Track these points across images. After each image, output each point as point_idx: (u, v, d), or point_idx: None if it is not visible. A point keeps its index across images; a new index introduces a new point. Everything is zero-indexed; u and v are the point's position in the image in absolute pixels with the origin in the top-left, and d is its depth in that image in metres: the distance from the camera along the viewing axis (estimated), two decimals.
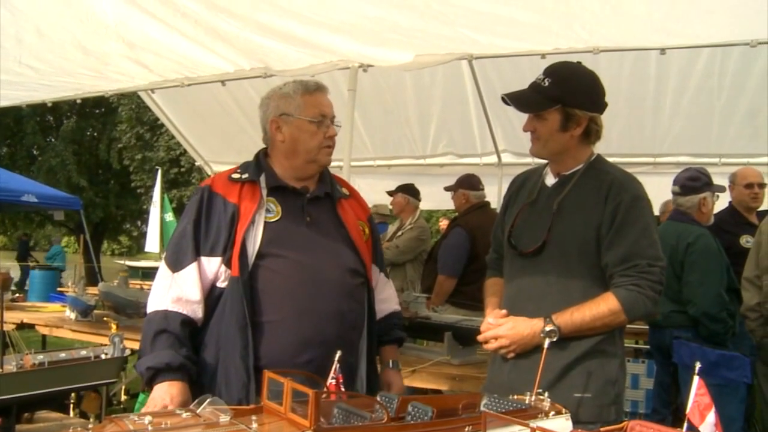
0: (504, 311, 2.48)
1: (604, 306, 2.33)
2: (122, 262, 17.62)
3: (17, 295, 7.94)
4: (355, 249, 2.47)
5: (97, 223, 28.91)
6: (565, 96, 2.41)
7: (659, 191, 5.98)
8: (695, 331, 4.36)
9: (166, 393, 2.15)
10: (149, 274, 12.82)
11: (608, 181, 2.40)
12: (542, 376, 2.07)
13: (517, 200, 2.66)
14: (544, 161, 2.63)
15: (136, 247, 34.86)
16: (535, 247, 2.44)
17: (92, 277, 14.76)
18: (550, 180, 2.56)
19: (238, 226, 2.31)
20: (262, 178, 2.42)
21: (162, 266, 2.37)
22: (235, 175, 2.42)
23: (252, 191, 2.38)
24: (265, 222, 2.34)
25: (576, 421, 1.99)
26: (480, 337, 2.52)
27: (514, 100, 2.47)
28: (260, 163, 2.48)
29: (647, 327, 5.02)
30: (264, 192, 2.39)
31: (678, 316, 4.42)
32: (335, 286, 2.36)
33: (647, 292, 2.33)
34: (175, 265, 2.31)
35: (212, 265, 2.31)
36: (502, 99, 2.49)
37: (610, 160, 6.74)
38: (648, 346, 5.24)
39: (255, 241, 2.30)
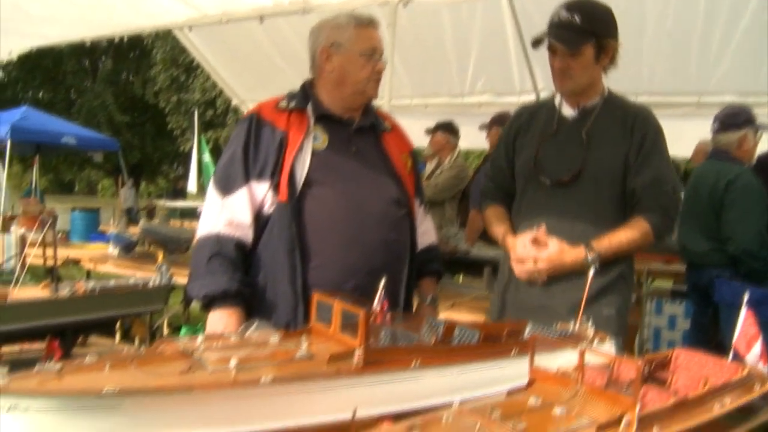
0: (543, 226, 2.51)
1: (638, 230, 2.49)
2: (162, 202, 17.87)
3: (59, 234, 8.09)
4: (399, 181, 2.49)
5: (134, 165, 29.30)
6: (598, 28, 2.50)
7: (702, 133, 5.84)
8: (734, 270, 4.31)
9: (223, 320, 2.18)
10: (187, 213, 13.02)
11: (632, 113, 2.57)
12: (576, 297, 2.18)
13: (528, 132, 2.72)
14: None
15: (173, 189, 35.39)
16: (572, 176, 2.53)
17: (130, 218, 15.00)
18: (569, 112, 2.64)
19: (286, 152, 2.31)
20: (309, 107, 2.42)
21: (210, 192, 2.38)
22: (283, 103, 2.43)
23: (300, 119, 2.39)
24: (313, 149, 2.35)
25: None
26: (517, 257, 2.55)
27: (559, 39, 2.48)
28: (307, 93, 2.48)
29: (684, 267, 4.97)
30: (311, 120, 2.40)
31: (716, 255, 4.37)
32: (380, 216, 2.38)
33: (672, 214, 2.56)
34: (225, 190, 2.32)
35: (261, 189, 2.32)
36: (534, 42, 2.55)
37: (653, 99, 6.59)
38: (684, 287, 5.20)
39: (303, 168, 2.31)
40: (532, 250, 2.50)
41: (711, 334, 4.53)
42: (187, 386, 1.24)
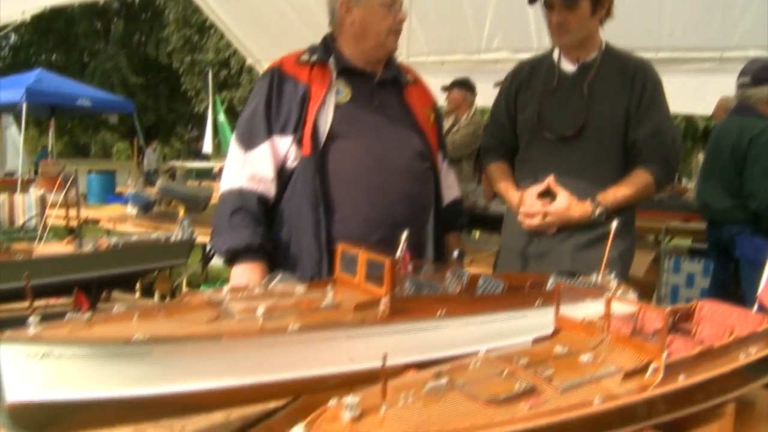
0: (552, 177, 2.55)
1: (641, 181, 2.55)
2: (179, 163, 17.90)
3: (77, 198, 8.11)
4: (422, 134, 2.48)
5: (149, 127, 29.31)
6: None
7: (724, 89, 5.73)
8: (755, 227, 4.28)
9: (246, 274, 2.19)
10: (203, 174, 13.06)
11: (632, 65, 2.60)
12: (579, 239, 2.51)
13: (529, 88, 2.75)
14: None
15: (187, 151, 35.49)
16: (576, 130, 2.57)
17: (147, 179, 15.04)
18: (568, 66, 2.67)
19: (309, 106, 2.30)
20: (331, 60, 2.40)
21: (233, 147, 2.37)
22: (305, 57, 2.40)
23: (322, 72, 2.37)
24: (336, 103, 2.33)
25: None
26: (527, 212, 2.59)
27: None
28: (328, 46, 2.45)
29: (704, 225, 4.94)
30: (334, 73, 2.38)
31: (737, 212, 4.33)
32: (404, 169, 2.38)
33: (673, 164, 2.60)
34: (248, 145, 2.32)
35: (283, 144, 2.31)
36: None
37: (674, 55, 6.42)
38: (704, 246, 5.17)
39: (326, 122, 2.30)
40: (539, 204, 2.55)
41: (731, 291, 4.51)
42: (215, 334, 1.25)
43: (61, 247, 2.45)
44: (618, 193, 2.53)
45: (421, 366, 1.29)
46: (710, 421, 1.35)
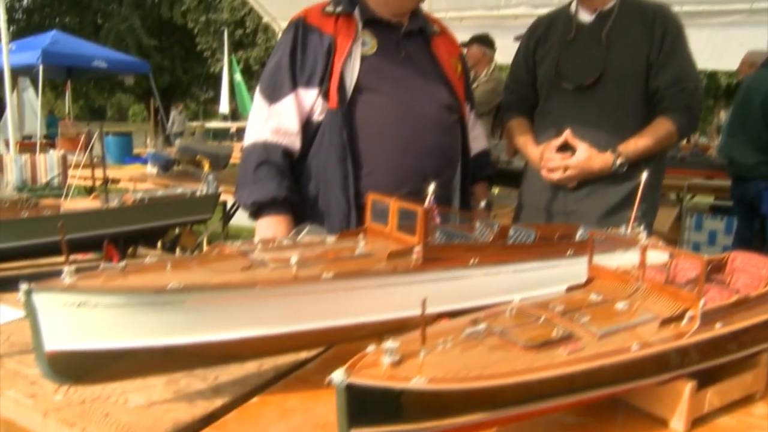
0: (569, 130, 2.54)
1: (663, 130, 2.50)
2: (198, 122, 17.87)
3: (95, 159, 8.08)
4: (449, 85, 2.44)
5: (165, 89, 29.19)
6: None
7: (752, 44, 5.59)
8: None
9: (272, 228, 2.19)
10: (220, 134, 13.06)
11: (651, 11, 2.54)
12: (606, 201, 2.49)
13: (547, 42, 2.73)
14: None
15: (204, 111, 35.40)
16: (593, 79, 2.54)
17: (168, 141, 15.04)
18: (585, 17, 2.64)
19: (335, 58, 2.26)
20: (357, 11, 2.35)
21: (257, 99, 2.35)
22: (329, 8, 2.35)
23: (347, 24, 2.32)
24: (362, 55, 2.29)
25: None
26: (550, 165, 2.58)
27: None
28: None
29: (728, 183, 4.88)
30: (359, 25, 2.33)
31: (765, 167, 4.27)
32: (432, 121, 2.35)
33: (696, 112, 2.53)
34: (272, 97, 2.29)
35: (309, 97, 2.28)
36: None
37: (699, 8, 6.29)
38: (726, 203, 5.12)
39: (353, 74, 2.26)
40: (559, 157, 2.54)
41: (755, 248, 4.47)
42: (249, 282, 1.25)
43: (88, 203, 2.47)
44: (639, 142, 2.50)
45: (453, 315, 1.28)
46: (744, 371, 1.35)
